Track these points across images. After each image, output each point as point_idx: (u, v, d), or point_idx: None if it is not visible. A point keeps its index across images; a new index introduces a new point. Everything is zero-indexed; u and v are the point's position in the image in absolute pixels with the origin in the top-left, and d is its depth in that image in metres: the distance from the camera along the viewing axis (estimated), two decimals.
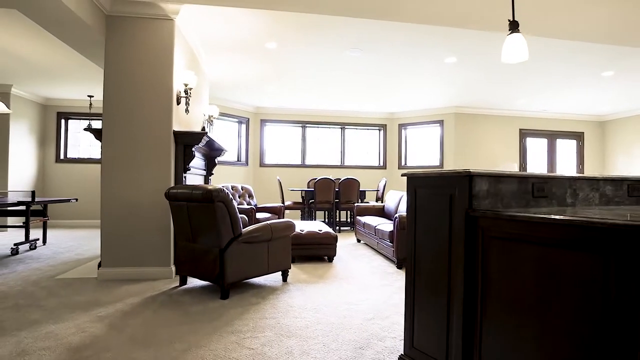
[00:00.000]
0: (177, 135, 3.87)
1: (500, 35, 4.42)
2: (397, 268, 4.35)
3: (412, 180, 1.95)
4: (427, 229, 1.87)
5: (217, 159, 5.30)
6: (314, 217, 7.42)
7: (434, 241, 1.83)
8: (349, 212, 8.08)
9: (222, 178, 8.13)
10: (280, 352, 2.19)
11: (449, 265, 1.75)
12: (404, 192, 5.75)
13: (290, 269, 3.81)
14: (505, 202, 1.76)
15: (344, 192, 7.31)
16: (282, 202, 7.36)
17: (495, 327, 1.55)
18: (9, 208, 5.37)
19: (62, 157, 8.05)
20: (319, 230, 4.70)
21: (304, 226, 4.89)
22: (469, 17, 3.61)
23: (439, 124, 8.77)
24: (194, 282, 3.67)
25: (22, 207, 5.27)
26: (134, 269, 3.73)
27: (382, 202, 7.57)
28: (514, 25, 2.11)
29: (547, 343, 1.34)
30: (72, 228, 7.58)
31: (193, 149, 3.97)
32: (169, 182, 3.81)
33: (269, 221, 3.57)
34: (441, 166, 8.71)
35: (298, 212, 8.95)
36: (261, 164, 8.94)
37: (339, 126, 9.31)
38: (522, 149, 8.94)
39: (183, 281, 3.56)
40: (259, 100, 8.12)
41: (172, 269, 3.81)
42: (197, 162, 4.55)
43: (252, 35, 4.60)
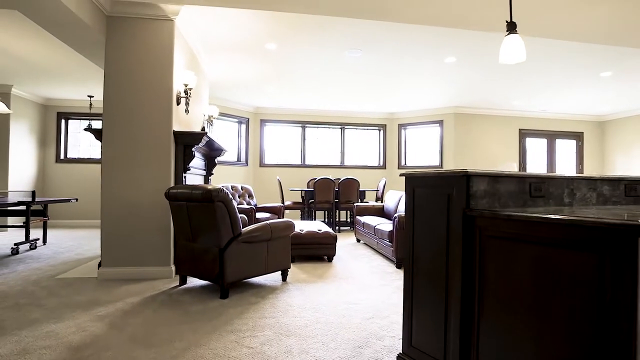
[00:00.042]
0: (177, 135, 3.88)
1: (500, 35, 4.44)
2: (397, 268, 4.36)
3: (410, 180, 1.97)
4: (425, 228, 1.89)
5: (217, 159, 5.31)
6: (313, 217, 7.44)
7: (431, 241, 1.85)
8: (348, 212, 8.09)
9: (222, 178, 8.14)
10: (279, 351, 2.20)
11: (446, 265, 1.76)
12: (403, 192, 5.76)
13: (289, 268, 3.82)
14: (503, 201, 1.77)
15: (343, 192, 7.32)
16: (282, 202, 7.37)
17: (493, 326, 1.56)
18: (10, 208, 5.39)
19: (62, 157, 8.07)
20: (318, 230, 4.71)
21: (303, 226, 4.90)
22: (467, 18, 3.62)
23: (438, 124, 8.79)
24: (193, 281, 3.68)
25: (23, 207, 5.29)
26: (134, 268, 3.75)
27: (381, 202, 7.59)
28: (511, 26, 2.12)
29: (544, 342, 1.35)
30: (72, 228, 7.59)
31: (193, 149, 3.99)
32: (169, 182, 3.83)
33: (268, 221, 3.58)
34: (441, 166, 8.72)
35: (298, 212, 8.97)
36: (261, 164, 8.95)
37: (339, 126, 9.32)
38: (522, 149, 8.95)
39: (183, 281, 3.57)
40: (258, 100, 8.13)
41: (172, 268, 3.82)
42: (197, 162, 4.57)
43: (252, 36, 4.61)
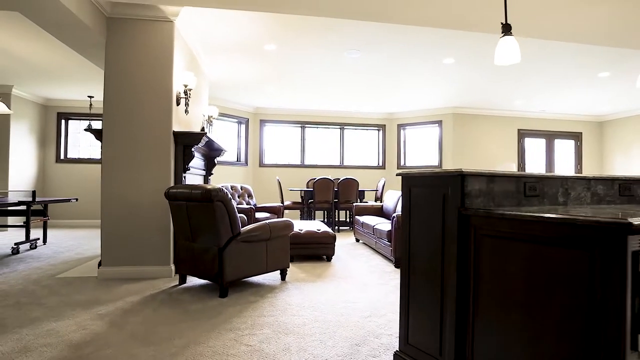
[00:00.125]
0: (177, 135, 3.91)
1: (497, 37, 4.46)
2: (395, 267, 4.38)
3: (406, 179, 1.99)
4: (421, 227, 1.91)
5: (217, 159, 5.34)
6: (313, 216, 7.46)
7: (427, 239, 1.87)
8: (348, 212, 8.11)
9: (222, 178, 8.17)
10: (277, 349, 2.22)
11: (442, 263, 1.79)
12: None
13: (288, 268, 3.84)
14: (498, 201, 1.79)
15: (342, 192, 7.35)
16: (282, 202, 7.39)
17: (487, 323, 1.59)
18: (10, 208, 5.42)
19: (62, 157, 8.09)
20: (317, 229, 4.74)
21: (302, 226, 4.92)
22: (466, 19, 3.64)
23: (437, 124, 8.81)
24: (193, 280, 3.71)
25: (23, 207, 5.31)
26: (134, 268, 3.77)
27: (380, 202, 7.61)
28: (506, 28, 2.15)
29: (537, 339, 1.38)
30: (72, 228, 7.62)
31: (192, 149, 4.01)
32: (169, 182, 3.85)
33: (267, 220, 3.60)
34: (440, 166, 8.74)
35: (297, 212, 8.99)
36: (260, 164, 8.98)
37: (338, 126, 9.34)
38: (521, 149, 8.98)
39: (182, 280, 3.60)
40: (258, 100, 8.16)
41: (172, 267, 3.85)
42: (197, 162, 4.59)
43: (252, 37, 4.64)
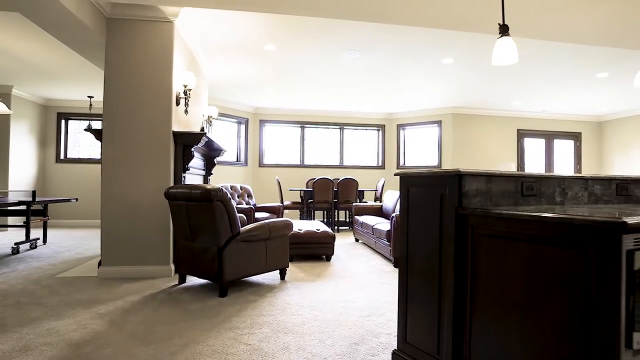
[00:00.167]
0: (177, 135, 3.92)
1: (496, 37, 4.47)
2: (394, 267, 4.39)
3: (404, 179, 2.01)
4: (419, 227, 1.92)
5: (217, 159, 5.35)
6: (312, 216, 7.48)
7: (425, 239, 1.89)
8: (347, 212, 8.13)
9: (222, 178, 8.18)
10: (276, 348, 2.24)
11: (440, 263, 1.80)
12: None
13: (288, 267, 3.86)
14: (495, 200, 1.81)
15: (342, 192, 7.36)
16: (281, 201, 7.40)
17: (484, 322, 1.60)
18: (10, 208, 5.43)
19: (62, 157, 8.10)
20: (317, 229, 4.75)
21: (302, 225, 4.93)
22: (465, 19, 3.66)
23: (437, 125, 8.83)
24: (193, 280, 3.72)
25: (23, 207, 5.33)
26: (134, 267, 3.78)
27: (380, 202, 7.62)
28: (504, 29, 2.16)
29: (534, 338, 1.39)
30: (72, 228, 7.63)
31: (192, 149, 4.03)
32: (169, 182, 3.87)
33: (267, 220, 3.62)
34: (439, 166, 8.76)
35: (297, 211, 9.01)
36: (260, 164, 8.99)
37: (338, 126, 9.36)
38: (520, 149, 8.99)
39: (182, 279, 3.61)
40: (258, 100, 8.17)
41: (172, 267, 3.86)
42: (196, 162, 4.61)
43: (251, 37, 4.65)
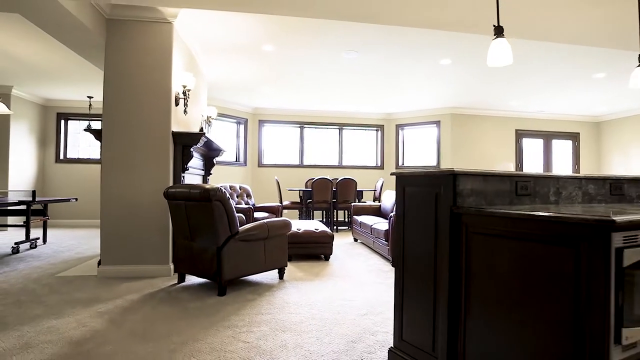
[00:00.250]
0: (176, 135, 3.94)
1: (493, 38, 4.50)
2: (392, 266, 4.42)
3: (400, 179, 2.03)
4: (415, 226, 1.95)
5: (216, 159, 5.37)
6: (311, 216, 7.50)
7: (421, 238, 1.91)
8: (346, 211, 8.16)
9: (221, 178, 8.20)
10: (274, 346, 2.26)
11: (435, 261, 1.83)
12: None
13: (286, 266, 3.88)
14: (489, 200, 1.83)
15: (341, 192, 7.39)
16: (280, 201, 7.43)
17: (478, 319, 1.63)
18: (10, 207, 5.45)
19: (62, 157, 8.12)
20: (315, 229, 4.77)
21: (301, 225, 4.96)
22: (462, 21, 3.68)
23: (435, 125, 8.86)
24: (192, 279, 3.75)
25: (23, 207, 5.34)
26: (133, 267, 3.81)
27: (379, 202, 7.65)
28: (498, 30, 2.19)
29: (526, 334, 1.42)
30: (72, 227, 7.65)
31: (191, 150, 4.05)
32: (168, 182, 3.89)
33: (265, 220, 3.64)
34: (438, 166, 8.78)
35: (296, 211, 9.03)
36: (259, 164, 9.01)
37: (337, 127, 9.38)
38: (518, 150, 9.02)
39: (181, 279, 3.63)
40: (257, 101, 8.20)
41: (171, 266, 3.88)
42: (196, 162, 4.63)
43: (249, 38, 4.68)
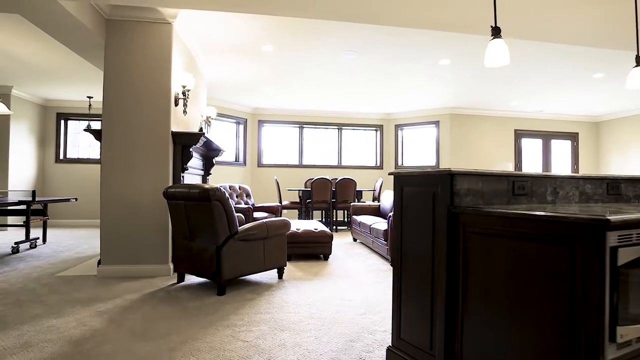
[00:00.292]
0: (175, 136, 3.95)
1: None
2: (391, 266, 4.41)
3: (398, 179, 2.05)
4: (413, 225, 1.96)
5: (215, 159, 5.38)
6: (311, 216, 7.52)
7: (418, 237, 1.92)
8: (345, 211, 8.17)
9: (221, 178, 8.21)
10: (273, 345, 2.27)
11: (432, 260, 1.84)
12: None
13: (285, 266, 3.89)
14: (486, 199, 1.85)
15: (340, 191, 7.40)
16: (280, 201, 7.44)
17: (475, 317, 1.64)
18: (10, 207, 5.46)
19: (61, 157, 8.13)
20: (314, 229, 4.78)
21: (300, 225, 4.97)
22: (460, 22, 3.69)
23: (434, 125, 8.87)
24: (191, 279, 3.76)
25: (23, 207, 5.35)
26: (133, 266, 3.82)
27: (378, 202, 7.66)
28: (496, 31, 2.20)
29: (522, 332, 1.43)
30: (71, 227, 7.66)
31: (191, 150, 4.06)
32: (167, 182, 3.90)
33: (264, 219, 3.65)
34: (437, 166, 8.80)
35: (295, 211, 9.04)
36: (259, 164, 9.02)
37: (336, 127, 9.40)
38: (517, 150, 9.04)
39: (181, 278, 3.64)
40: (256, 101, 8.21)
41: (170, 266, 3.89)
42: (195, 162, 4.64)
43: (249, 38, 4.69)
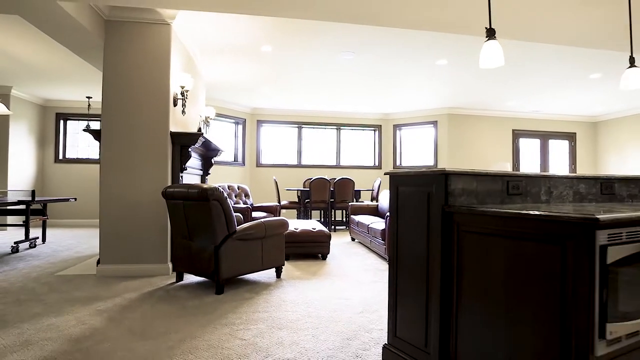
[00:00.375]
0: (174, 136, 3.97)
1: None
2: (389, 265, 4.45)
3: (394, 179, 2.07)
4: (408, 225, 1.99)
5: (214, 159, 5.41)
6: (309, 216, 7.54)
7: (414, 236, 1.95)
8: (344, 211, 8.20)
9: (219, 178, 8.23)
10: (271, 343, 2.30)
11: (427, 259, 1.87)
12: None
13: (283, 265, 3.92)
14: (481, 199, 1.87)
15: (339, 191, 7.43)
16: (278, 201, 7.46)
17: (469, 315, 1.67)
18: (9, 207, 5.47)
19: (61, 157, 8.15)
20: (312, 228, 4.81)
21: (298, 225, 5.00)
22: (457, 22, 3.72)
23: (432, 125, 8.90)
24: (190, 278, 3.78)
25: (22, 206, 5.37)
26: (132, 265, 3.84)
27: (376, 202, 7.69)
28: (490, 33, 2.23)
29: (515, 330, 1.46)
30: (71, 227, 7.68)
31: (189, 150, 4.08)
32: (166, 182, 3.92)
33: (262, 219, 3.68)
34: (435, 166, 8.82)
35: (294, 211, 9.07)
36: (258, 164, 9.05)
37: (335, 127, 9.42)
38: (515, 150, 9.07)
39: (179, 277, 3.67)
40: (255, 101, 8.23)
41: (169, 265, 3.92)
42: (194, 162, 4.66)
43: (247, 39, 4.71)
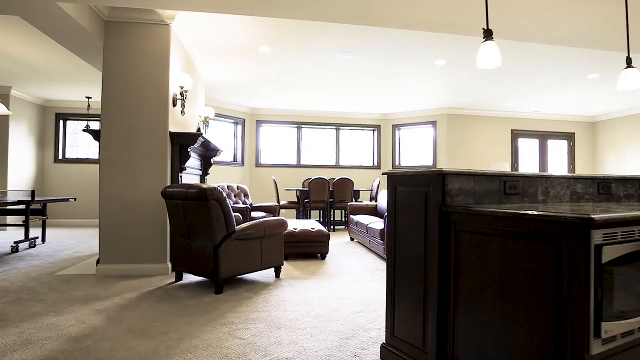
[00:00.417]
0: (173, 136, 3.99)
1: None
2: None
3: (391, 178, 2.09)
4: (406, 224, 2.00)
5: (213, 159, 5.42)
6: (308, 216, 7.56)
7: (411, 236, 1.96)
8: (343, 211, 8.21)
9: (219, 178, 8.25)
10: (269, 342, 2.31)
11: (424, 258, 1.88)
12: None
13: (282, 265, 3.93)
14: (478, 199, 1.89)
15: (338, 191, 7.44)
16: (278, 201, 7.48)
17: (466, 314, 1.68)
18: (9, 207, 5.48)
19: (60, 157, 8.16)
20: (311, 228, 4.82)
21: (297, 224, 5.01)
22: (456, 23, 3.73)
23: (431, 125, 8.92)
24: (189, 277, 3.79)
25: (22, 206, 5.38)
26: (132, 265, 3.85)
27: (375, 202, 7.71)
28: (487, 33, 2.24)
29: (511, 329, 1.47)
30: (70, 227, 7.68)
31: (189, 150, 4.09)
32: (166, 182, 3.93)
33: (261, 219, 3.69)
34: (434, 166, 8.84)
35: (293, 211, 9.08)
36: (257, 164, 9.06)
37: (334, 127, 9.43)
38: (514, 149, 9.09)
39: (179, 277, 3.68)
40: (254, 101, 8.24)
41: (169, 265, 3.93)
42: (193, 162, 4.67)
43: (246, 40, 4.72)
